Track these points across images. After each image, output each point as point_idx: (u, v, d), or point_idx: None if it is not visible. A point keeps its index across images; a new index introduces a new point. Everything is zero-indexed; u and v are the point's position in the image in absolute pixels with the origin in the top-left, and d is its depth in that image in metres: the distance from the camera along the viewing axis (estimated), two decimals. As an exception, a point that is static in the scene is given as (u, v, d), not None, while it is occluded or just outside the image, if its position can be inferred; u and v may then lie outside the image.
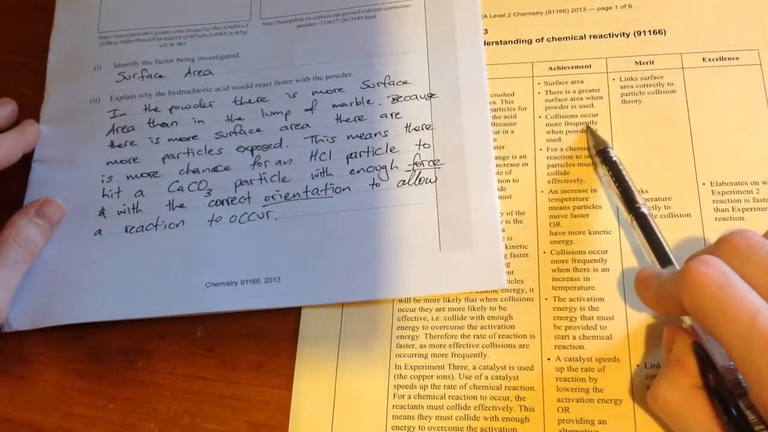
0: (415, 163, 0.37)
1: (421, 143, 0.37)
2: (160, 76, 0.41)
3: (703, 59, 0.37)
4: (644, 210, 0.33)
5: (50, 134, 0.40)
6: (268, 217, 0.37)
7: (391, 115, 0.38)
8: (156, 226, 0.37)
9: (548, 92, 0.38)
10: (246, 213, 0.37)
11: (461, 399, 0.33)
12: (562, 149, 0.37)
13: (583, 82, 0.38)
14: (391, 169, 0.37)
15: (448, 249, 0.35)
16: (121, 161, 0.39)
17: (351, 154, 0.38)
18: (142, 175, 0.38)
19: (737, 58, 0.37)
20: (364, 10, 0.41)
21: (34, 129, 0.39)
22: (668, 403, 0.28)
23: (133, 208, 0.38)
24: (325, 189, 0.37)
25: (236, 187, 0.37)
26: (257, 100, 0.39)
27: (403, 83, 0.39)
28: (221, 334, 0.35)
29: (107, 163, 0.39)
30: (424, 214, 0.36)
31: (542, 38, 0.39)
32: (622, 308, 0.33)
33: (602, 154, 0.35)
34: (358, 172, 0.37)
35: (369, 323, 0.35)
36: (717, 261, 0.26)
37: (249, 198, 0.37)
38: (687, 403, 0.27)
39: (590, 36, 0.39)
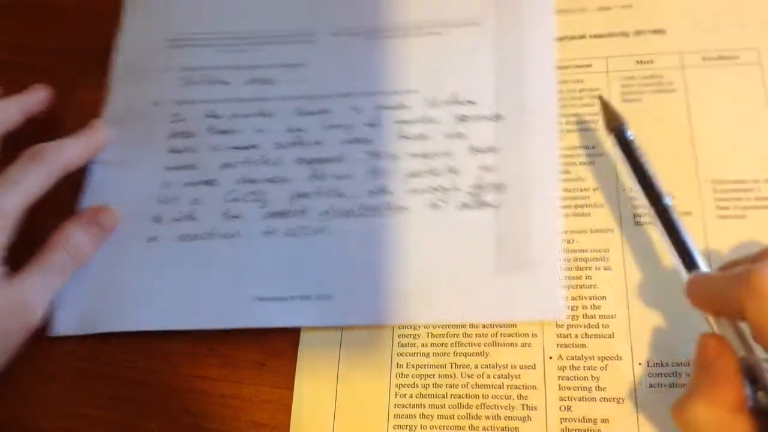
0: (477, 186, 0.36)
1: (484, 166, 0.36)
2: (224, 83, 0.40)
3: (703, 58, 0.38)
4: (668, 202, 0.31)
5: (111, 135, 0.39)
6: (323, 232, 0.36)
7: (456, 135, 0.37)
8: (211, 235, 0.36)
9: (549, 91, 0.38)
10: (301, 227, 0.36)
11: (463, 398, 0.33)
12: (563, 148, 0.37)
13: (583, 81, 0.38)
14: (453, 191, 0.36)
15: (505, 276, 0.34)
16: (179, 167, 0.38)
17: (411, 173, 0.37)
18: (199, 183, 0.38)
19: (737, 57, 0.37)
20: (432, 26, 0.40)
21: (101, 133, 0.38)
22: (703, 423, 0.25)
23: (189, 216, 0.37)
24: (383, 207, 0.36)
25: (292, 199, 0.37)
26: (319, 112, 0.39)
27: (470, 103, 0.38)
28: (222, 333, 0.35)
29: (166, 169, 0.38)
30: (483, 238, 0.34)
31: (543, 38, 0.40)
32: (624, 307, 0.33)
33: (617, 133, 0.33)
34: (418, 191, 0.36)
35: (370, 322, 0.34)
36: None
37: (304, 212, 0.36)
38: (727, 427, 0.25)
39: (590, 35, 0.39)
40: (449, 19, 0.40)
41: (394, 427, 0.32)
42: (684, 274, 0.30)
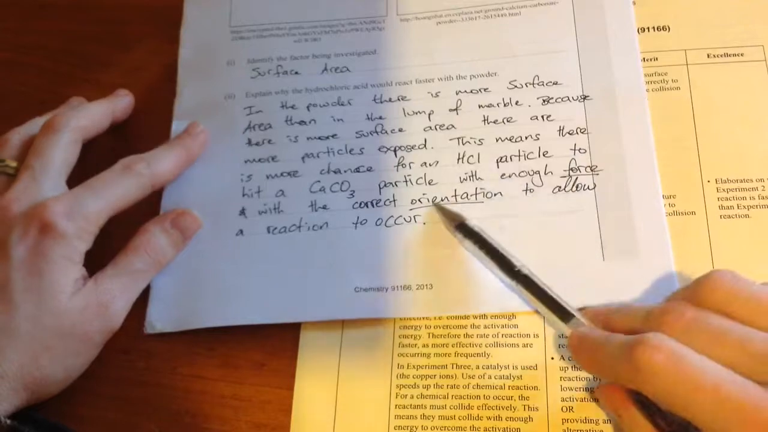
0: (571, 169, 0.35)
1: (577, 148, 0.35)
2: (296, 73, 0.40)
3: (708, 55, 0.37)
4: (525, 271, 0.32)
5: (182, 130, 0.38)
6: (415, 221, 0.35)
7: (542, 117, 0.36)
8: (299, 227, 0.36)
9: (552, 89, 0.38)
10: (392, 216, 0.35)
11: (464, 399, 0.32)
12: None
13: (586, 79, 0.38)
14: (546, 174, 0.35)
15: (613, 259, 0.33)
16: (259, 160, 0.38)
17: (501, 157, 0.36)
18: (282, 175, 0.37)
19: (742, 54, 0.37)
20: (508, 6, 0.39)
21: (197, 142, 0.37)
22: None
23: (275, 209, 0.37)
24: (476, 194, 0.35)
25: (380, 188, 0.36)
26: (398, 99, 0.38)
27: (554, 84, 0.37)
28: (223, 333, 0.35)
29: (245, 162, 0.38)
30: (584, 222, 0.34)
31: (545, 35, 0.39)
32: (626, 307, 0.33)
33: (461, 229, 0.34)
34: (510, 176, 0.35)
35: (371, 322, 0.34)
36: (662, 339, 0.25)
37: (394, 201, 0.36)
38: None
39: (594, 33, 0.39)
40: None
41: (394, 428, 0.32)
42: (563, 328, 0.31)
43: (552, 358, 0.33)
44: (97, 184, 0.33)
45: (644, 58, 0.38)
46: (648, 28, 0.38)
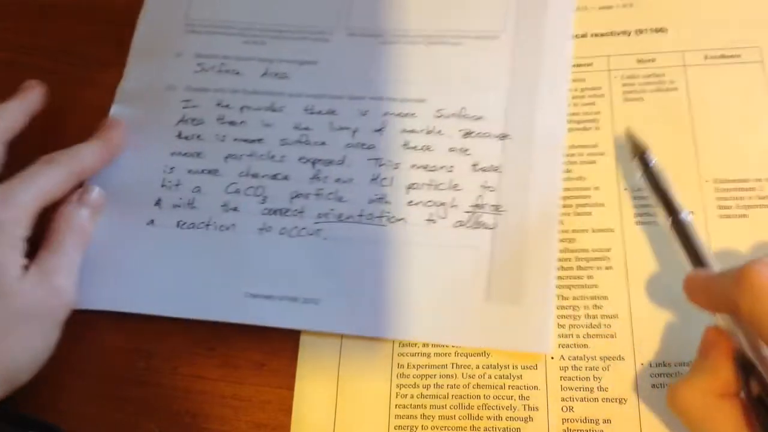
0: (476, 205, 0.35)
1: (486, 185, 0.35)
2: (237, 73, 0.40)
3: (705, 57, 0.37)
4: (686, 217, 0.32)
5: (121, 113, 0.39)
6: (318, 235, 0.35)
7: (460, 150, 0.36)
8: (207, 225, 0.36)
9: (550, 90, 0.38)
10: (297, 227, 0.36)
11: (464, 398, 0.32)
12: (565, 147, 0.37)
13: (584, 80, 0.38)
14: (451, 207, 0.35)
15: (495, 301, 0.33)
16: (185, 153, 0.38)
17: (412, 184, 0.36)
18: (202, 171, 0.38)
19: (739, 56, 0.37)
20: (451, 35, 0.39)
21: (119, 136, 0.38)
22: (690, 407, 0.26)
23: (189, 204, 0.37)
24: (381, 216, 0.35)
25: (292, 198, 0.36)
26: (327, 112, 0.38)
27: (478, 118, 0.37)
28: (223, 333, 0.35)
29: (171, 154, 0.38)
30: (477, 260, 0.34)
31: (544, 37, 0.39)
32: (626, 306, 0.33)
33: (641, 159, 0.34)
34: (417, 204, 0.35)
35: (371, 322, 0.34)
36: None
37: (302, 212, 0.36)
38: (712, 411, 0.26)
39: (592, 34, 0.39)
40: (470, 30, 0.39)
41: (395, 428, 0.32)
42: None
43: (552, 358, 0.33)
44: (26, 176, 0.34)
45: (642, 59, 0.38)
46: (646, 29, 0.39)
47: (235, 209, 0.37)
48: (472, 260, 0.34)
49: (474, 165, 0.36)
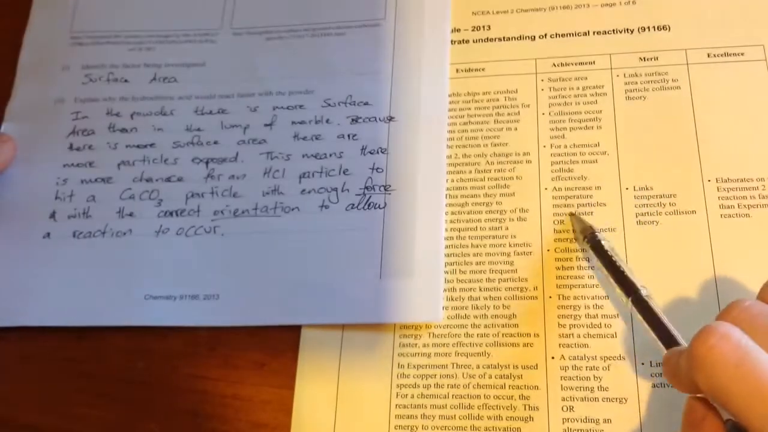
0: (366, 187, 0.36)
1: (375, 167, 0.37)
2: (125, 81, 0.40)
3: (708, 55, 0.37)
4: (644, 293, 0.30)
5: (11, 131, 0.39)
6: (215, 233, 0.36)
7: (348, 136, 0.37)
8: (103, 233, 0.37)
9: (552, 89, 0.38)
10: (194, 226, 0.36)
11: (465, 398, 0.32)
12: (566, 146, 0.36)
13: (587, 78, 0.38)
14: (342, 191, 0.36)
15: (389, 278, 0.34)
16: (77, 164, 0.39)
17: (304, 173, 0.37)
18: (96, 180, 0.38)
19: (742, 54, 0.37)
20: (335, 26, 0.40)
21: (8, 149, 0.38)
22: None
23: (84, 213, 0.37)
24: (275, 208, 0.36)
25: (187, 199, 0.37)
26: (218, 112, 0.39)
27: (364, 104, 0.38)
28: (223, 333, 0.35)
29: (64, 166, 0.39)
30: (369, 240, 0.35)
31: (546, 35, 0.39)
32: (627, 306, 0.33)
33: (591, 239, 0.33)
34: (309, 192, 0.36)
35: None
36: (728, 328, 0.23)
37: (198, 211, 0.37)
38: None
39: (594, 32, 0.39)
40: (352, 20, 0.40)
41: (395, 428, 0.32)
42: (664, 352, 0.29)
43: (552, 358, 0.33)
44: None
45: (644, 58, 0.38)
46: (648, 27, 0.38)
47: (130, 214, 0.37)
48: (365, 240, 0.35)
49: (363, 149, 0.37)
